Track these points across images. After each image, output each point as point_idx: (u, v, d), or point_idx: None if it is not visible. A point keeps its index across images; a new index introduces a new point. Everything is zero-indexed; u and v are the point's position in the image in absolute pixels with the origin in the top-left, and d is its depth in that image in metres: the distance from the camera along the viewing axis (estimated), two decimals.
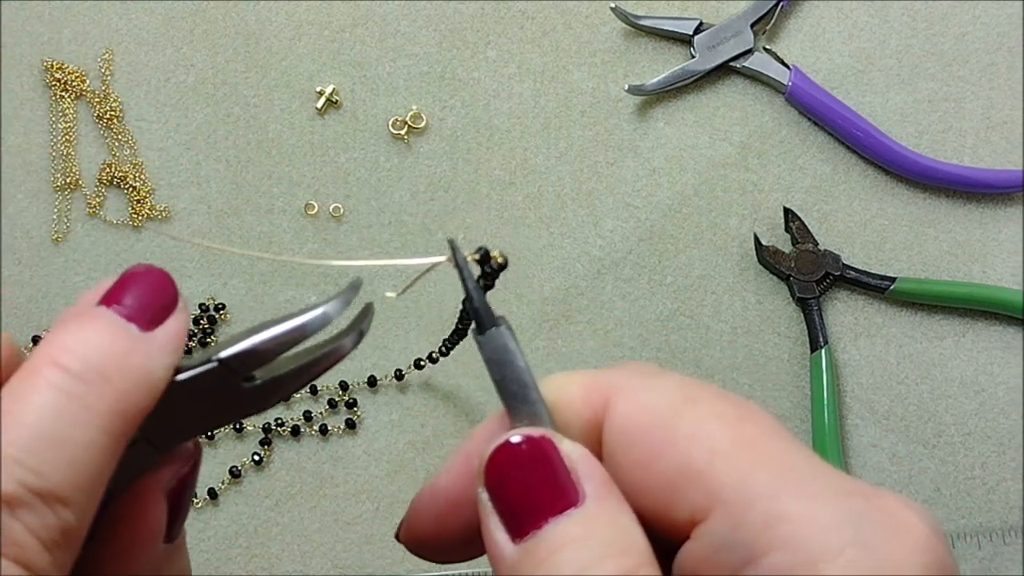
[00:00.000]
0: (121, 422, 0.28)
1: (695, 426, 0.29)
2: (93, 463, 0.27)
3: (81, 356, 0.28)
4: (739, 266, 0.70)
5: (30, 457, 0.26)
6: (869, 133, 0.69)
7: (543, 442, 0.30)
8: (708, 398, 0.30)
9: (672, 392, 0.31)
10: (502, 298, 0.70)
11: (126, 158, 0.71)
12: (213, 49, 0.72)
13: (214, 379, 0.30)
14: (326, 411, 0.70)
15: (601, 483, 0.30)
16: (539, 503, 0.29)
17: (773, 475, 0.28)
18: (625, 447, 0.30)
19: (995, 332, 0.70)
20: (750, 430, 0.30)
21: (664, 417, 0.30)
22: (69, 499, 0.26)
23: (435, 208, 0.71)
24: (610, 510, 0.29)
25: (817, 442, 0.67)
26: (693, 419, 0.30)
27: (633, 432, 0.30)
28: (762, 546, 0.28)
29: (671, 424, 0.30)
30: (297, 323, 0.31)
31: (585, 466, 0.30)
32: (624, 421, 0.30)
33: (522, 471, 0.30)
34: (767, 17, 0.71)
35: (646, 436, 0.30)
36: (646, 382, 0.31)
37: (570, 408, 0.31)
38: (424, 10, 0.72)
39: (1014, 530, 0.67)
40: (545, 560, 0.28)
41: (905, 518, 0.28)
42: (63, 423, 0.27)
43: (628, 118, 0.71)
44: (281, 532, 0.69)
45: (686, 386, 0.31)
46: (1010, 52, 0.71)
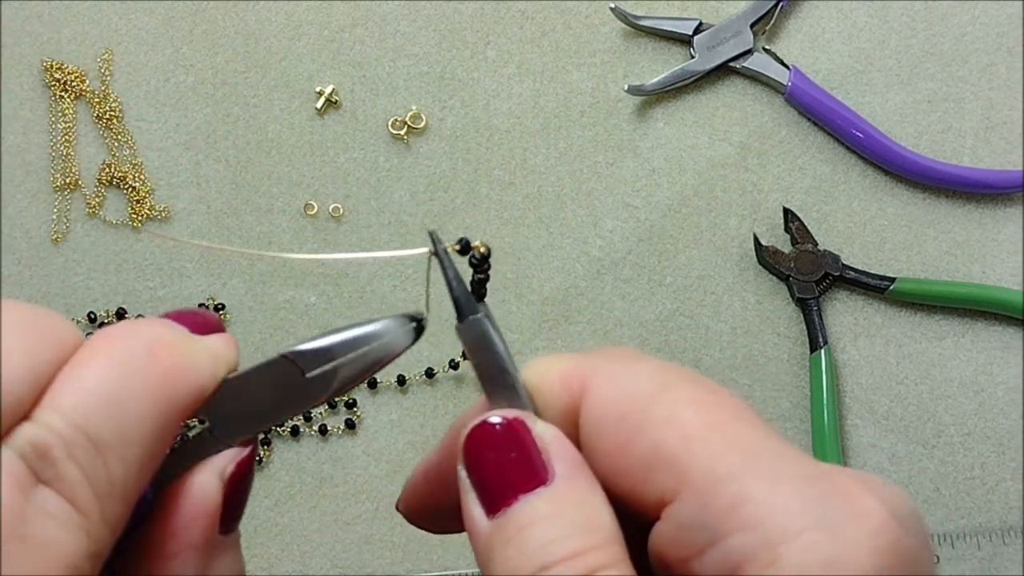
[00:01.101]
0: (168, 397, 0.30)
1: (669, 411, 0.30)
2: (143, 427, 0.29)
3: (135, 337, 0.30)
4: (739, 266, 0.70)
5: (84, 409, 0.28)
6: (869, 133, 0.69)
7: (516, 423, 0.31)
8: (683, 384, 0.31)
9: (648, 378, 0.32)
10: (502, 298, 0.70)
11: (126, 158, 0.71)
12: (213, 49, 0.72)
13: (277, 373, 0.32)
14: (326, 411, 0.70)
15: (571, 463, 0.31)
16: (511, 481, 0.30)
17: (740, 459, 0.29)
18: (600, 430, 0.31)
19: (995, 332, 0.70)
20: (721, 415, 0.31)
21: (639, 402, 0.31)
22: (115, 450, 0.28)
23: (435, 208, 0.71)
24: (579, 490, 0.30)
25: (817, 442, 0.67)
26: (667, 404, 0.31)
27: (608, 416, 0.31)
28: (726, 527, 0.28)
29: (646, 409, 0.31)
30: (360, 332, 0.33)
31: (557, 446, 0.31)
32: (600, 405, 0.31)
33: (495, 450, 0.31)
34: (767, 17, 0.71)
35: (621, 420, 0.31)
36: (623, 367, 0.32)
37: (550, 391, 0.33)
38: (424, 10, 0.72)
39: (1014, 530, 0.67)
40: (514, 536, 0.30)
41: (864, 502, 0.29)
42: (115, 387, 0.29)
43: (628, 118, 0.71)
44: (281, 532, 0.69)
45: (662, 371, 0.32)
46: (1009, 52, 0.71)
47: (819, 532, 0.28)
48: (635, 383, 0.31)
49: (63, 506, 0.27)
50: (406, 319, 0.33)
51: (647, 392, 0.31)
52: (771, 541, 0.28)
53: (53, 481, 0.27)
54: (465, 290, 0.33)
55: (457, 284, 0.33)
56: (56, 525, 0.27)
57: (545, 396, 0.33)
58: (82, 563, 0.27)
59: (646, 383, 0.31)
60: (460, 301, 0.33)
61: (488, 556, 0.30)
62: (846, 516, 0.28)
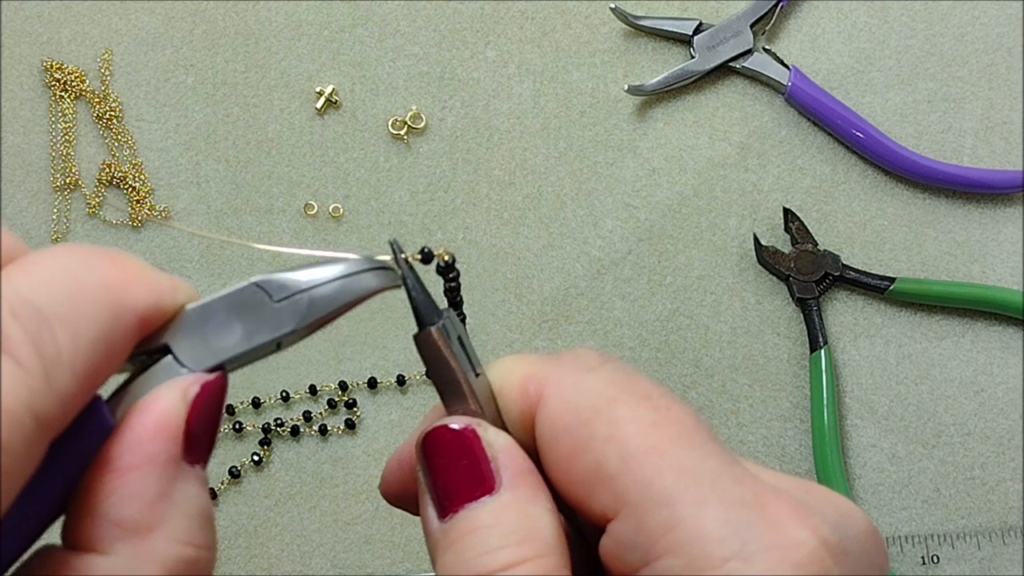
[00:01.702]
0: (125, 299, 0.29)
1: (611, 428, 0.31)
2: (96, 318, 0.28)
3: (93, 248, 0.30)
4: (738, 266, 0.70)
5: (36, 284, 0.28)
6: (869, 133, 0.69)
7: (467, 432, 0.32)
8: (629, 399, 0.31)
9: (598, 390, 0.32)
10: (502, 298, 0.70)
11: (125, 158, 0.71)
12: (212, 49, 0.72)
13: (245, 299, 0.32)
14: (326, 411, 0.70)
15: (517, 472, 0.32)
16: (459, 488, 0.31)
17: (675, 481, 0.30)
18: (552, 441, 0.32)
19: (994, 332, 0.70)
20: (661, 436, 0.31)
21: (585, 416, 0.31)
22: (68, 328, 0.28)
23: (435, 208, 0.71)
24: (522, 500, 0.31)
25: (816, 442, 0.67)
26: (611, 420, 0.31)
27: (558, 428, 0.32)
28: (658, 550, 0.29)
29: (590, 424, 0.31)
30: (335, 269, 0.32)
31: (504, 455, 0.32)
32: (551, 416, 0.32)
33: (446, 456, 0.32)
34: (767, 17, 0.71)
35: (568, 433, 0.31)
36: (577, 377, 0.32)
37: (510, 395, 0.33)
38: (424, 10, 0.72)
39: (1014, 530, 0.67)
40: (456, 542, 0.31)
41: (793, 533, 0.29)
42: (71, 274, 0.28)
43: (628, 118, 0.71)
44: (280, 532, 0.69)
45: (613, 383, 0.32)
46: (1009, 52, 0.71)
47: (743, 562, 0.28)
48: (584, 396, 0.32)
49: (6, 361, 0.26)
50: (371, 260, 0.33)
51: (595, 405, 0.31)
52: (696, 567, 0.28)
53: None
54: (424, 300, 0.33)
55: (416, 294, 0.33)
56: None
57: (506, 399, 0.33)
58: (23, 416, 0.26)
59: (595, 396, 0.32)
60: (418, 312, 0.33)
61: (434, 558, 0.31)
62: (771, 546, 0.29)
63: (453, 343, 0.33)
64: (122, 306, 0.29)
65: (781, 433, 0.69)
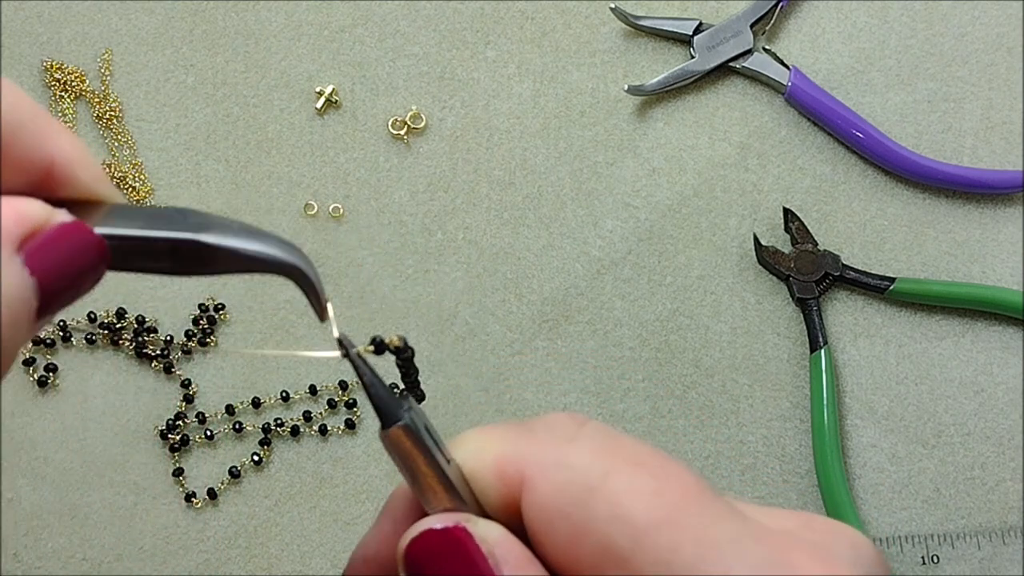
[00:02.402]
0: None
1: (613, 506, 0.29)
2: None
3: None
4: (738, 266, 0.70)
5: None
6: (869, 133, 0.69)
7: (457, 531, 0.30)
8: (623, 470, 0.30)
9: (586, 465, 0.30)
10: (502, 298, 0.70)
11: (126, 158, 0.71)
12: (212, 49, 0.72)
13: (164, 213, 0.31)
14: (326, 411, 0.70)
15: (517, 566, 0.30)
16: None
17: (696, 552, 0.28)
18: (546, 527, 0.30)
19: (994, 332, 0.70)
20: (669, 502, 0.29)
21: (580, 497, 0.30)
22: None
23: (435, 208, 0.71)
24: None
25: (816, 442, 0.67)
26: (610, 498, 0.29)
27: (551, 513, 0.30)
28: None
29: (588, 505, 0.29)
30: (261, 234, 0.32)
31: (502, 550, 0.30)
32: (541, 501, 0.30)
33: (439, 560, 0.30)
34: (767, 17, 0.71)
35: (564, 518, 0.30)
36: (559, 453, 0.30)
37: (485, 481, 0.31)
38: (424, 10, 0.72)
39: (1014, 530, 0.67)
40: None
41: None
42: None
43: (628, 118, 0.71)
44: (280, 532, 0.69)
45: (601, 453, 0.30)
46: (1009, 52, 0.71)
47: None
48: (574, 473, 0.30)
49: None
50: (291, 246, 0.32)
51: (588, 484, 0.30)
52: None
53: None
54: (384, 395, 0.31)
55: (373, 388, 0.32)
56: None
57: (481, 484, 0.31)
58: None
59: (585, 472, 0.30)
60: (380, 409, 0.31)
61: None
62: None
63: (423, 435, 0.31)
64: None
65: (781, 433, 0.69)
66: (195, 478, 0.69)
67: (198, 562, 0.69)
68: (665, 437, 0.69)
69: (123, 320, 0.70)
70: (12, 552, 0.69)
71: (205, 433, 0.69)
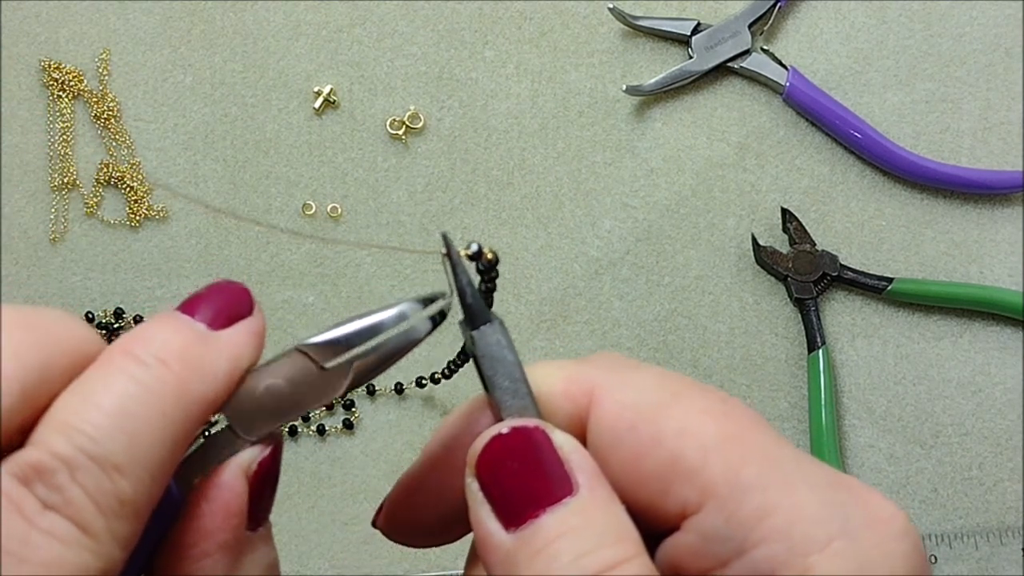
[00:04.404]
0: (183, 407, 0.29)
1: (682, 422, 0.30)
2: (153, 439, 0.28)
3: (148, 346, 0.29)
4: (737, 266, 0.70)
5: (89, 426, 0.28)
6: (867, 134, 0.69)
7: (537, 432, 0.31)
8: (691, 393, 0.31)
9: (654, 387, 0.31)
10: (500, 298, 0.70)
11: (123, 158, 0.71)
12: (211, 49, 0.72)
13: (294, 367, 0.32)
14: (323, 411, 0.70)
15: (593, 474, 0.30)
16: (535, 493, 0.30)
17: (760, 468, 0.29)
18: (612, 444, 0.31)
19: (992, 333, 0.70)
20: (736, 425, 0.31)
21: (650, 414, 0.31)
22: (125, 468, 0.28)
23: (433, 208, 0.71)
24: (603, 500, 0.30)
25: (815, 442, 0.67)
26: (679, 415, 0.30)
27: (619, 430, 0.31)
28: (754, 538, 0.29)
29: (657, 421, 0.30)
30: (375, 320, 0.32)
31: (578, 457, 0.31)
32: (609, 419, 0.31)
33: (517, 462, 0.30)
34: (765, 18, 0.71)
35: (633, 433, 0.31)
36: (627, 377, 0.32)
37: (553, 401, 0.32)
38: (422, 10, 0.72)
39: (1012, 530, 0.67)
40: (543, 549, 0.29)
41: (885, 509, 0.30)
42: (124, 400, 0.28)
43: (626, 118, 0.71)
44: (278, 532, 0.69)
45: (667, 380, 0.32)
46: (1008, 53, 0.71)
47: (847, 540, 0.28)
48: (643, 393, 0.31)
49: (69, 529, 0.27)
50: (421, 304, 0.32)
51: (657, 402, 0.31)
52: (801, 551, 0.28)
53: (59, 507, 0.27)
54: (478, 296, 0.33)
55: (471, 290, 0.33)
56: (61, 547, 0.27)
57: (548, 405, 0.32)
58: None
59: (654, 393, 0.31)
60: (473, 308, 0.33)
61: (511, 571, 0.29)
62: (870, 522, 0.29)
63: (510, 338, 0.32)
64: (185, 421, 0.29)
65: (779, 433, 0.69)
66: None
67: None
68: None
69: (121, 320, 0.70)
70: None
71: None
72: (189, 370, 0.30)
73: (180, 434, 0.29)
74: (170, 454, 0.29)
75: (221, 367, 0.31)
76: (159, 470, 0.29)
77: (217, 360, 0.31)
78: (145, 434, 0.28)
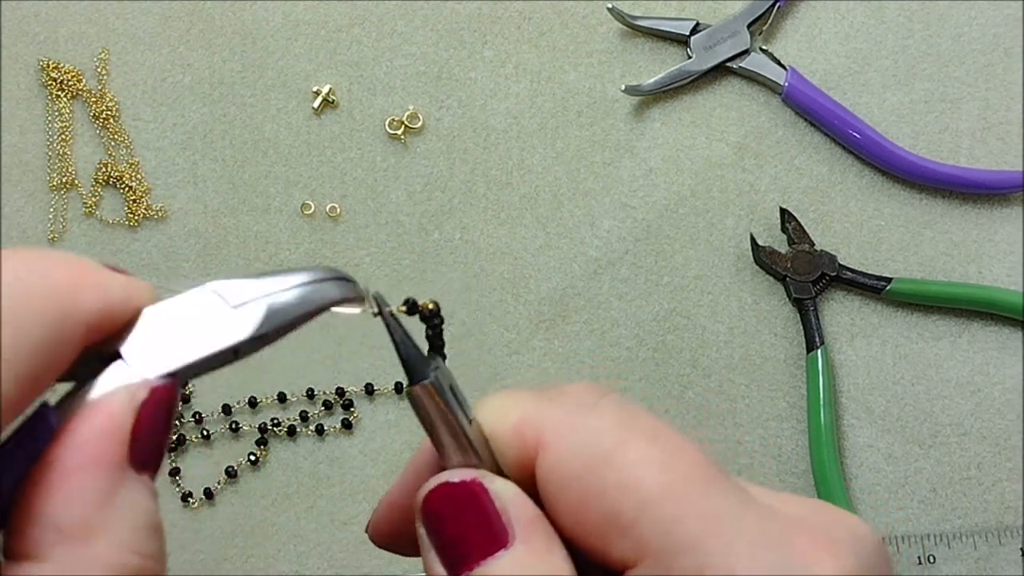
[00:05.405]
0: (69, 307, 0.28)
1: (623, 473, 0.30)
2: (26, 332, 0.27)
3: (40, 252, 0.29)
4: (735, 266, 0.70)
5: None
6: (866, 134, 0.69)
7: (473, 485, 0.31)
8: (638, 441, 0.31)
9: (602, 432, 0.31)
10: (499, 298, 0.70)
11: (122, 157, 0.71)
12: (209, 49, 0.72)
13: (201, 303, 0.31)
14: (322, 411, 0.70)
15: (529, 523, 0.31)
16: (471, 544, 0.30)
17: (699, 525, 0.29)
18: (558, 489, 0.31)
19: (991, 333, 0.70)
20: (678, 477, 0.30)
21: (593, 462, 0.30)
22: (8, 329, 0.27)
23: (432, 208, 0.71)
24: (539, 551, 0.30)
25: (813, 442, 0.67)
26: (621, 466, 0.30)
27: (565, 476, 0.31)
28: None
29: (600, 471, 0.30)
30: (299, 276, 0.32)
31: (515, 507, 0.31)
32: (556, 463, 0.31)
33: (454, 511, 0.31)
34: (764, 18, 0.71)
35: (576, 481, 0.30)
36: (577, 420, 0.31)
37: (504, 440, 0.32)
38: (421, 10, 0.72)
39: (1010, 530, 0.67)
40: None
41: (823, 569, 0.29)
42: (7, 283, 0.27)
43: (625, 118, 0.71)
44: (277, 532, 0.69)
45: (619, 425, 0.31)
46: (1007, 53, 0.71)
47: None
48: (592, 440, 0.31)
49: None
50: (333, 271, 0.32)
51: (603, 450, 0.30)
52: None
53: None
54: (413, 354, 0.32)
55: (404, 347, 0.32)
56: None
57: (500, 444, 0.32)
58: None
59: (601, 439, 0.31)
60: (408, 364, 0.32)
61: None
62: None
63: (447, 394, 0.32)
64: (69, 311, 0.28)
65: (778, 433, 0.69)
66: (191, 478, 0.69)
67: (194, 562, 0.69)
68: None
69: None
70: None
71: (201, 433, 0.69)
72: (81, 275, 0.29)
73: (61, 335, 0.28)
74: (48, 349, 0.28)
75: (114, 285, 0.30)
76: (26, 367, 0.27)
77: (110, 279, 0.30)
78: (30, 310, 0.27)
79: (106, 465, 0.28)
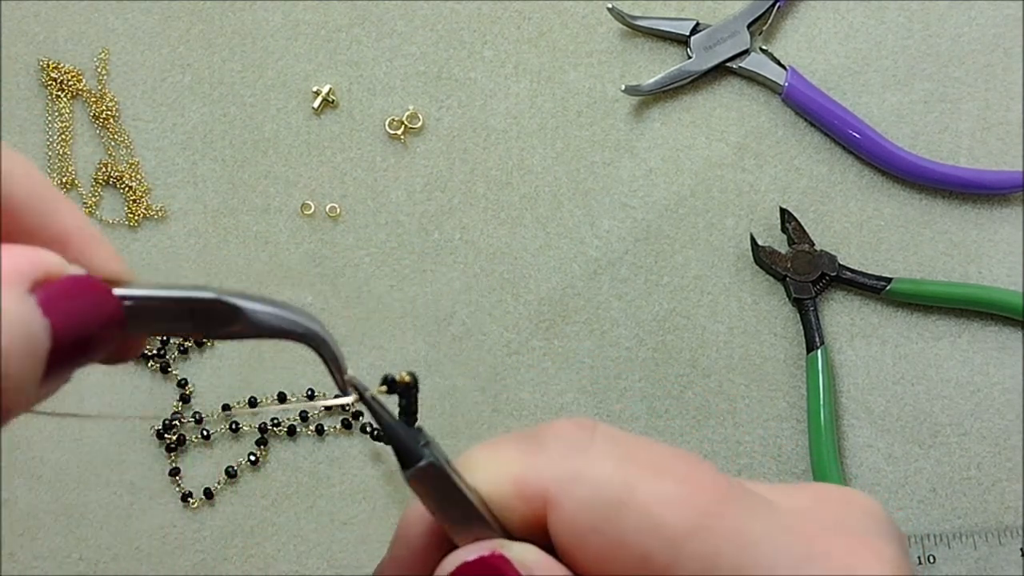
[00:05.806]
0: None
1: (643, 518, 0.29)
2: None
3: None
4: (735, 266, 0.70)
5: None
6: (865, 134, 0.69)
7: (494, 559, 0.30)
8: (647, 478, 0.30)
9: (609, 479, 0.30)
10: (499, 298, 0.70)
11: (122, 158, 0.71)
12: (209, 48, 0.71)
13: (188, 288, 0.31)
14: (322, 412, 0.70)
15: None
16: None
17: (737, 553, 0.29)
18: (577, 544, 0.30)
19: (991, 333, 0.70)
20: (700, 506, 0.29)
21: (608, 513, 0.29)
22: None
23: (432, 208, 0.71)
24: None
25: (813, 443, 0.67)
26: (641, 510, 0.29)
27: (582, 531, 0.30)
28: None
29: (617, 519, 0.29)
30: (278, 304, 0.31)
31: (540, 569, 0.30)
32: (569, 521, 0.30)
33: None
34: (763, 18, 0.71)
35: (595, 534, 0.30)
36: (577, 467, 0.30)
37: (507, 504, 0.31)
38: (421, 10, 0.72)
39: (1010, 531, 0.67)
40: None
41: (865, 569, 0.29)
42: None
43: (624, 118, 0.71)
44: (277, 532, 0.69)
45: (620, 465, 0.30)
46: (1006, 53, 0.71)
47: None
48: (598, 487, 0.30)
49: None
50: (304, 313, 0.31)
51: (615, 497, 0.29)
52: None
53: None
54: (405, 435, 0.31)
55: (394, 432, 0.31)
56: None
57: (501, 507, 0.31)
58: None
59: (609, 486, 0.30)
60: (402, 450, 0.31)
61: None
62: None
63: (447, 470, 0.31)
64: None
65: (778, 433, 0.69)
66: (191, 478, 0.69)
67: (194, 562, 0.69)
68: (662, 437, 0.69)
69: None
70: (8, 552, 0.69)
71: (201, 433, 0.69)
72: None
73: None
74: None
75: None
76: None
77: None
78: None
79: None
